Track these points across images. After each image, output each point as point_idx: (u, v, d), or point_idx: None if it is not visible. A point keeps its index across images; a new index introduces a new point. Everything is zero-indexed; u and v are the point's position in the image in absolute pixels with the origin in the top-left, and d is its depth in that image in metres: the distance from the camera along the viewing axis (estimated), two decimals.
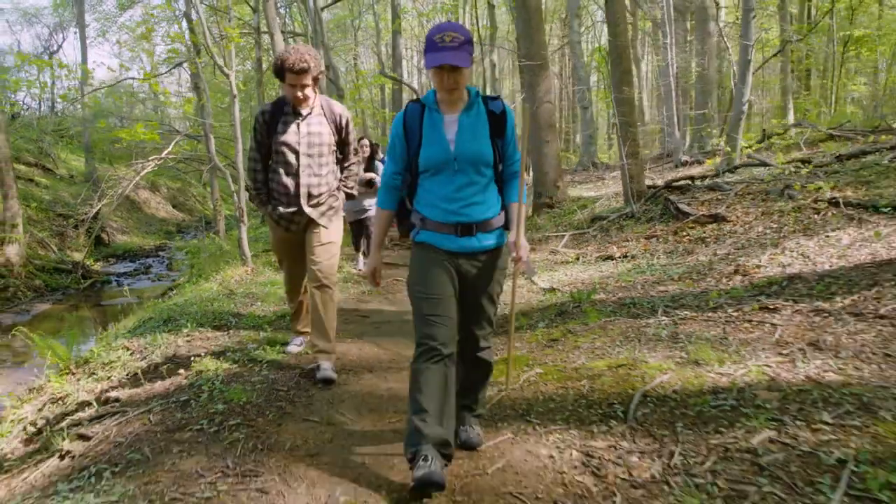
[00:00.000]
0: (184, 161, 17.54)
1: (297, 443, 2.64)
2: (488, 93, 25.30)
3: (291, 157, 3.50)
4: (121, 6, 28.03)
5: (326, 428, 2.82)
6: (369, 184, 6.87)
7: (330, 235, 3.64)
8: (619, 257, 6.38)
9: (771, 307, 3.81)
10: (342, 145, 3.71)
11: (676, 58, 16.59)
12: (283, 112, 3.53)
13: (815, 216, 5.68)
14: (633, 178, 8.09)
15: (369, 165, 7.12)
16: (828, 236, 5.09)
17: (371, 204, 6.94)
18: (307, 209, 3.56)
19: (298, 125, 3.51)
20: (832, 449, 2.14)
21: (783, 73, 20.27)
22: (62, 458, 3.03)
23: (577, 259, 6.70)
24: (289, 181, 3.54)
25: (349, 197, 3.83)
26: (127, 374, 4.21)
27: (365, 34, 32.89)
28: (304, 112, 3.52)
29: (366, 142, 7.14)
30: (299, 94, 3.40)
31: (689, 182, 8.09)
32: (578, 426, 2.64)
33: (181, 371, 3.79)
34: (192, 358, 3.99)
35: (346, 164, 3.79)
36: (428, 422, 2.14)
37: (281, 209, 3.58)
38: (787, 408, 2.49)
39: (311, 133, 3.52)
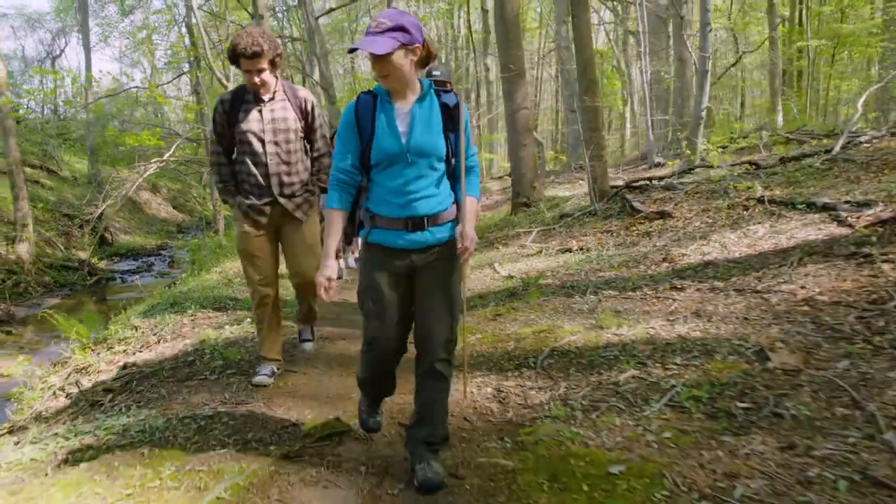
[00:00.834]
0: (184, 163, 18.27)
1: (279, 384, 3.42)
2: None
3: (257, 146, 3.33)
4: (122, 12, 28.83)
5: (303, 376, 3.59)
6: None
7: (313, 236, 3.56)
8: (577, 250, 7.14)
9: (679, 287, 4.58)
10: (309, 132, 3.50)
11: (658, 64, 17.34)
12: (244, 100, 3.36)
13: (744, 212, 6.45)
14: (597, 179, 8.85)
15: None
16: (748, 229, 5.86)
17: None
18: (281, 200, 3.40)
19: (261, 111, 3.34)
20: (671, 379, 2.91)
21: (772, 76, 20.92)
22: (92, 406, 3.79)
23: (540, 252, 7.46)
24: (257, 171, 3.35)
25: (324, 191, 3.41)
26: (141, 347, 4.98)
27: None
28: (266, 98, 3.35)
29: None
30: (256, 79, 3.24)
31: (648, 182, 8.86)
32: (497, 372, 3.41)
33: (187, 341, 4.56)
34: (197, 331, 4.76)
35: (315, 155, 3.56)
36: (371, 410, 2.60)
37: (252, 199, 3.38)
38: (654, 355, 3.25)
39: (275, 119, 3.35)
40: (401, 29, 2.09)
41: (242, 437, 2.68)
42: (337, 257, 2.95)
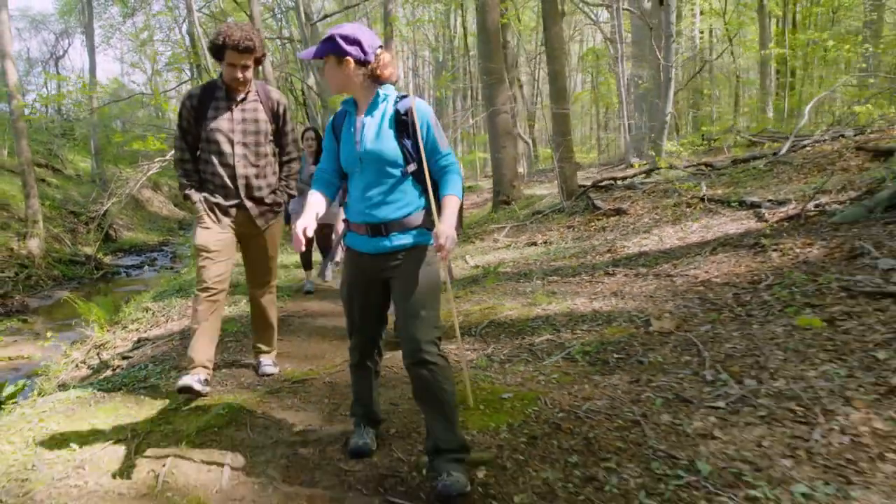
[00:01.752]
0: None
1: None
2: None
3: (226, 146, 3.22)
4: (124, 15, 29.62)
5: (288, 343, 4.38)
6: None
7: (273, 246, 3.54)
8: (541, 243, 7.94)
9: (611, 273, 5.37)
10: (279, 136, 3.45)
11: (642, 68, 18.06)
12: (215, 97, 3.23)
13: (687, 209, 7.24)
14: (566, 179, 9.64)
15: (318, 160, 5.83)
16: (685, 225, 6.65)
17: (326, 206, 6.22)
18: (247, 202, 3.32)
19: (232, 110, 3.23)
20: (574, 340, 3.70)
21: (763, 76, 21.54)
22: (114, 370, 4.58)
23: (509, 246, 8.26)
24: (224, 172, 3.26)
25: (291, 198, 3.58)
26: (152, 326, 5.78)
27: None
28: (239, 97, 3.25)
29: (312, 133, 6.22)
30: (240, 75, 3.15)
31: (613, 182, 9.65)
32: (445, 340, 4.18)
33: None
34: None
35: (284, 160, 3.52)
36: (362, 408, 2.59)
37: (219, 199, 3.30)
38: (568, 324, 4.05)
39: (245, 119, 3.26)
40: (330, 40, 2.27)
41: (237, 380, 3.48)
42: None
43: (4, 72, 13.80)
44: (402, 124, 2.31)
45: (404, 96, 2.34)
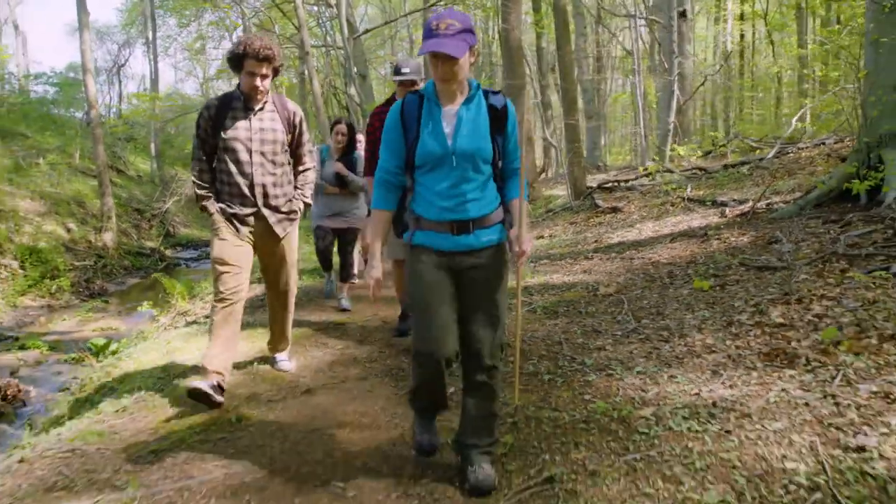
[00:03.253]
0: None
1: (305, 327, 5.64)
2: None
3: (244, 155, 3.28)
4: (181, 25, 31.85)
5: (330, 305, 5.78)
6: (341, 181, 5.37)
7: (292, 254, 3.57)
8: (547, 236, 9.22)
9: (589, 257, 6.64)
10: (296, 146, 3.52)
11: (656, 79, 19.08)
12: (232, 107, 3.30)
13: (670, 208, 8.43)
14: (575, 181, 10.88)
15: (345, 156, 5.43)
16: (664, 220, 7.86)
17: (351, 208, 5.55)
18: (265, 210, 3.35)
19: (250, 120, 3.29)
20: (541, 301, 5.01)
21: (799, 79, 22.11)
22: (200, 325, 6.05)
23: None
24: (241, 181, 3.30)
25: (308, 206, 3.63)
26: None
27: (401, 45, 35.90)
28: (256, 107, 3.31)
29: (343, 127, 5.43)
30: (258, 83, 3.20)
31: (616, 184, 10.85)
32: None
33: (258, 290, 6.83)
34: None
35: (300, 170, 3.58)
36: (430, 401, 2.46)
37: (235, 208, 3.32)
38: (541, 291, 5.36)
39: (263, 129, 3.32)
40: (469, 31, 2.11)
41: (297, 324, 4.90)
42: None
43: (85, 85, 15.68)
44: (499, 121, 2.26)
45: (495, 92, 2.30)
